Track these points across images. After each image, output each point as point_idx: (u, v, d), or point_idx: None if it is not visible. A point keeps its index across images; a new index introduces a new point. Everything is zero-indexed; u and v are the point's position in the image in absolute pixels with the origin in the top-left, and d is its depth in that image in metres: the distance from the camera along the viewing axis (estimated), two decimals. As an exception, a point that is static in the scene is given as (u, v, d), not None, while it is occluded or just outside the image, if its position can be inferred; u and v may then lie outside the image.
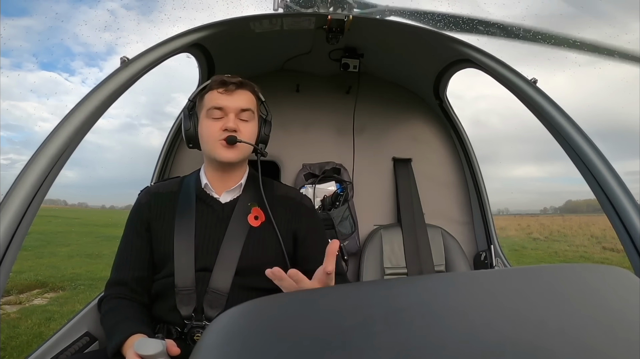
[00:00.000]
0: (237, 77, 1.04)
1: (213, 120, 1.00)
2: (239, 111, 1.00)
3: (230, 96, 1.00)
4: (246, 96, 1.02)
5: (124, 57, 1.01)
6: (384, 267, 1.65)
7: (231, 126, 0.98)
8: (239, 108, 1.00)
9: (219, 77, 1.02)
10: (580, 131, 1.06)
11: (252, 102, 1.04)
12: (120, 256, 1.03)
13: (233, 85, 1.00)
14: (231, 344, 0.26)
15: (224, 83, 1.00)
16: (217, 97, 1.00)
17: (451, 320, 0.27)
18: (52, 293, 4.97)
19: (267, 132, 1.10)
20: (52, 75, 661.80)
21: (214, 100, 1.00)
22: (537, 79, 1.14)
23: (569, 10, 1.98)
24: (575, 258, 10.32)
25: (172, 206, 1.04)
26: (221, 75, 1.03)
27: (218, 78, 1.02)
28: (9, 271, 0.78)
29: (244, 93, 1.02)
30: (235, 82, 1.01)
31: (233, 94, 1.00)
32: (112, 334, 0.88)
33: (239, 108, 1.00)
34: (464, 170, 1.85)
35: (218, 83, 1.01)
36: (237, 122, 1.00)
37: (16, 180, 0.82)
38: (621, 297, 0.32)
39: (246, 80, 1.04)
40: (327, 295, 0.32)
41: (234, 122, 0.99)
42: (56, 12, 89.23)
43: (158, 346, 0.76)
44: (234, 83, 1.00)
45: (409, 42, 1.49)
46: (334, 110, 1.87)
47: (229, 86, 1.00)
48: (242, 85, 1.02)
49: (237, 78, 1.02)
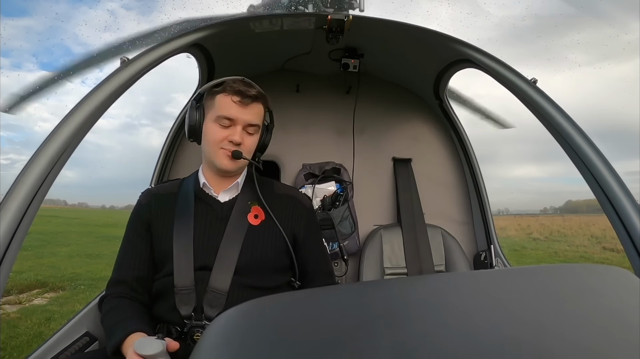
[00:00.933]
0: (253, 86, 1.02)
1: (220, 127, 0.99)
2: (247, 125, 1.01)
3: (244, 109, 0.99)
4: (257, 110, 1.02)
5: (124, 57, 1.00)
6: (384, 267, 1.65)
7: (237, 139, 0.98)
8: (247, 122, 1.00)
9: (237, 82, 1.00)
10: (580, 131, 1.06)
11: (260, 116, 1.04)
12: (121, 256, 1.03)
13: (249, 99, 0.99)
14: (231, 344, 0.26)
15: (241, 93, 0.98)
16: (230, 107, 0.98)
17: (451, 320, 0.27)
18: (52, 293, 4.98)
19: (267, 141, 1.10)
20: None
21: (226, 108, 0.98)
22: (537, 79, 1.14)
23: (569, 10, 1.99)
24: (575, 258, 10.31)
25: (171, 207, 1.04)
26: (238, 80, 1.01)
27: (235, 84, 0.99)
28: (9, 271, 0.78)
29: (257, 106, 1.02)
30: (251, 96, 0.99)
31: (247, 107, 1.00)
32: (112, 333, 0.88)
33: (248, 122, 1.00)
34: (464, 170, 1.85)
35: (235, 92, 0.99)
36: (243, 135, 1.00)
37: (16, 180, 0.82)
38: (621, 297, 0.32)
39: (261, 92, 1.03)
40: (327, 295, 0.32)
41: (240, 135, 0.99)
42: (56, 12, 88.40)
43: (158, 346, 0.77)
44: (250, 97, 0.99)
45: (409, 42, 1.49)
46: (334, 110, 1.87)
47: (245, 99, 0.99)
48: (256, 98, 1.01)
49: (253, 91, 1.00)
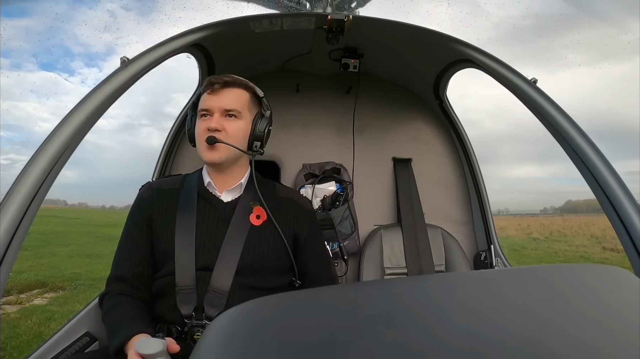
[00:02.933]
0: (229, 75, 1.03)
1: (201, 121, 1.01)
2: (224, 111, 1.00)
3: (216, 96, 1.00)
4: (233, 94, 1.02)
5: (124, 57, 1.00)
6: (384, 267, 1.65)
7: (212, 126, 0.98)
8: (222, 108, 1.00)
9: (210, 77, 1.03)
10: (580, 131, 1.06)
11: (239, 100, 1.02)
12: (120, 252, 1.02)
13: (218, 84, 1.00)
14: (231, 344, 0.26)
15: (211, 84, 1.00)
16: (205, 99, 1.01)
17: (451, 320, 0.27)
18: (52, 293, 4.98)
19: (262, 128, 1.04)
20: (52, 76, 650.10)
21: (203, 101, 1.02)
22: (537, 79, 1.14)
23: (569, 10, 1.99)
24: (575, 258, 10.31)
25: (173, 204, 1.03)
26: (213, 75, 1.03)
27: (212, 79, 1.01)
28: (9, 271, 0.78)
29: (231, 91, 1.02)
30: (220, 82, 1.00)
31: (218, 94, 1.00)
32: (114, 333, 0.87)
33: (223, 108, 1.00)
34: (464, 170, 1.85)
35: (206, 84, 1.01)
36: (223, 121, 1.00)
37: (16, 180, 0.82)
38: (621, 297, 0.32)
39: (236, 78, 1.03)
40: (327, 295, 0.32)
41: (217, 121, 0.99)
42: (56, 13, 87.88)
43: (159, 346, 0.77)
44: (219, 83, 1.00)
45: (409, 42, 1.49)
46: (334, 110, 1.87)
47: (214, 86, 1.00)
48: (227, 84, 1.01)
49: (224, 78, 1.01)
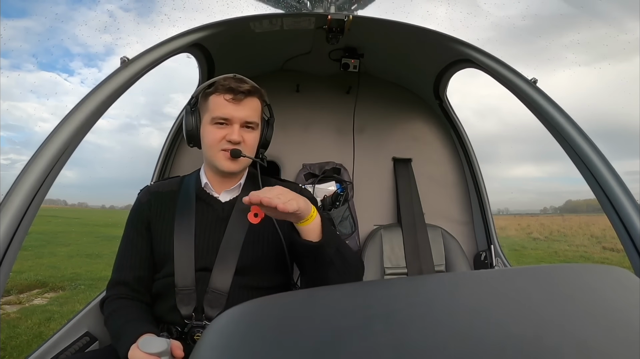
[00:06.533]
0: (245, 81, 0.98)
1: (217, 128, 0.96)
2: (244, 122, 0.97)
3: (238, 106, 0.96)
4: (253, 104, 0.99)
5: (124, 57, 1.00)
6: (384, 267, 1.65)
7: (235, 139, 0.95)
8: (243, 120, 0.97)
9: (227, 79, 0.97)
10: (580, 131, 1.06)
11: (258, 111, 1.00)
12: (121, 256, 1.02)
13: (242, 94, 0.95)
14: (231, 344, 0.26)
15: (232, 90, 0.95)
16: (224, 106, 0.95)
17: (451, 320, 0.27)
18: (52, 293, 4.97)
19: (269, 136, 1.07)
20: (52, 76, 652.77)
21: (219, 108, 0.96)
22: (537, 79, 1.14)
23: (569, 10, 1.99)
24: (575, 258, 10.31)
25: (172, 206, 1.03)
26: (229, 78, 0.97)
27: (226, 82, 0.96)
28: (9, 271, 0.78)
29: (252, 101, 0.98)
30: (243, 91, 0.95)
31: (240, 104, 0.96)
32: (120, 336, 0.86)
33: (244, 120, 0.97)
34: (464, 170, 1.85)
35: (226, 89, 0.95)
36: (242, 132, 0.97)
37: (16, 180, 0.82)
38: (621, 297, 0.32)
39: (254, 86, 0.99)
40: (327, 295, 0.32)
41: (238, 134, 0.96)
42: (56, 13, 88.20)
43: (162, 345, 0.77)
44: (243, 92, 0.95)
45: (409, 42, 1.49)
46: (334, 110, 1.87)
47: (238, 95, 0.95)
48: (250, 93, 0.97)
49: (245, 86, 0.96)
